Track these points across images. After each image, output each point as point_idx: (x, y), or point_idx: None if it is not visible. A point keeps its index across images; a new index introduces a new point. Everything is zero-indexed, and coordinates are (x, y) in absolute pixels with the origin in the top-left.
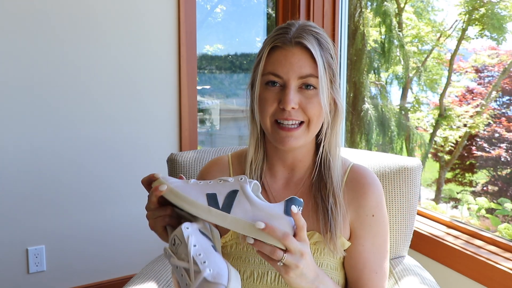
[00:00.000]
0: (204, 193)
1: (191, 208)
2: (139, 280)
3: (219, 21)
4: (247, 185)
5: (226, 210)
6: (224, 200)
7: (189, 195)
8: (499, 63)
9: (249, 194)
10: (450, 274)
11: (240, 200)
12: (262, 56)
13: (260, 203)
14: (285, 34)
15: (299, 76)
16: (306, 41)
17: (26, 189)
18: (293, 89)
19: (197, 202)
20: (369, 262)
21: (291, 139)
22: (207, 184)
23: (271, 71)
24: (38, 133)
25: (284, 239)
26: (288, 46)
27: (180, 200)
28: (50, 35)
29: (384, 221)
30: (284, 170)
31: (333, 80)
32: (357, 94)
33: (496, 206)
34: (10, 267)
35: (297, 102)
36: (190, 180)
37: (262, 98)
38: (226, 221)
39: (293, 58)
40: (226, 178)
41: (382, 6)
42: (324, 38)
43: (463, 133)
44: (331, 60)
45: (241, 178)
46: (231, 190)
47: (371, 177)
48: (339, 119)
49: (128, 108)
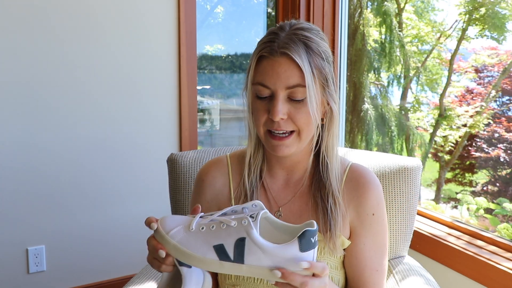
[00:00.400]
0: (211, 245)
1: (202, 265)
2: (139, 280)
3: (219, 21)
4: (253, 230)
5: (239, 260)
6: (234, 250)
7: (196, 250)
8: (499, 63)
9: (257, 240)
10: (450, 274)
11: (250, 248)
12: (251, 65)
13: (272, 248)
14: (272, 42)
15: (286, 86)
16: (291, 51)
17: (26, 189)
18: (281, 99)
19: (207, 258)
20: (370, 260)
21: (282, 147)
22: (210, 230)
23: (259, 81)
24: (38, 133)
25: (304, 285)
26: (274, 56)
27: (188, 259)
28: (50, 34)
29: (384, 219)
30: (282, 171)
31: (325, 85)
32: (357, 94)
33: (495, 206)
34: (10, 267)
35: (286, 112)
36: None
37: (253, 108)
38: (241, 271)
39: (279, 68)
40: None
41: (383, 6)
42: (316, 41)
43: (463, 133)
44: (322, 64)
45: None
46: (237, 238)
47: (370, 176)
48: (335, 122)
49: (128, 108)
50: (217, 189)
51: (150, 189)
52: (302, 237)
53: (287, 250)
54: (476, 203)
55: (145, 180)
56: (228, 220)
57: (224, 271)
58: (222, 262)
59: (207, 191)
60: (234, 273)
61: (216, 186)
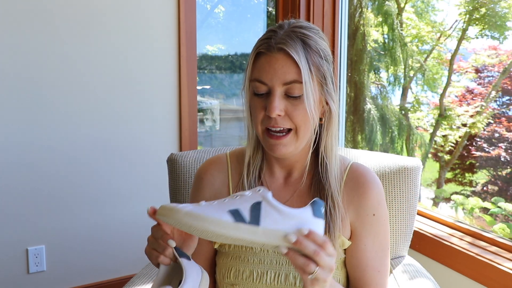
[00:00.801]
0: (225, 210)
1: (216, 227)
2: (139, 280)
3: (219, 21)
4: (269, 194)
5: (254, 223)
6: (249, 213)
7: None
8: (499, 63)
9: (274, 203)
10: (450, 274)
11: (267, 210)
12: (249, 61)
13: (288, 210)
14: (270, 39)
15: (283, 82)
16: (288, 47)
17: (26, 189)
18: (277, 96)
19: (222, 220)
20: (371, 261)
21: (280, 147)
22: (223, 202)
23: (257, 78)
24: (38, 132)
25: (316, 255)
26: (272, 52)
27: (201, 221)
28: (50, 34)
29: (385, 219)
30: (282, 170)
31: (323, 83)
32: (358, 94)
33: (492, 206)
34: (10, 267)
35: (283, 109)
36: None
37: (251, 105)
38: (257, 234)
39: (276, 64)
40: (241, 192)
41: (384, 6)
42: (314, 39)
43: (463, 133)
44: (321, 62)
45: (258, 189)
46: (254, 202)
47: (370, 176)
48: (334, 121)
49: (128, 108)
50: (216, 187)
51: (150, 189)
52: (313, 204)
53: (302, 213)
54: (470, 203)
55: (145, 180)
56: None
57: (239, 234)
58: (238, 223)
59: (205, 189)
60: (248, 238)
61: (215, 185)
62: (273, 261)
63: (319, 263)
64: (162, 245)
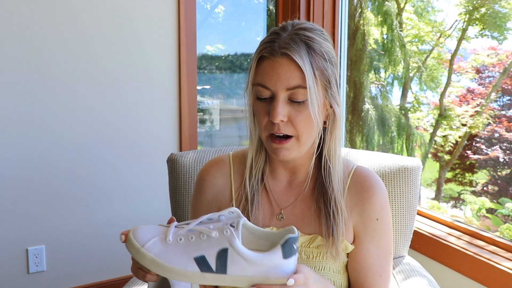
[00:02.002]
0: (191, 257)
1: (183, 278)
2: (139, 280)
3: (219, 21)
4: (236, 240)
5: (221, 271)
6: (216, 261)
7: (176, 263)
8: (499, 63)
9: (241, 250)
10: (450, 274)
11: (233, 258)
12: (252, 65)
13: (255, 257)
14: (273, 42)
15: (287, 87)
16: (292, 52)
17: (26, 189)
18: (281, 101)
19: (188, 270)
20: (373, 265)
21: (283, 151)
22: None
23: (260, 82)
24: (38, 132)
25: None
26: (275, 57)
27: (168, 272)
28: (48, 34)
29: (388, 224)
30: (285, 173)
31: (328, 86)
32: (357, 94)
33: (496, 206)
34: (10, 267)
35: (286, 114)
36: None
37: (255, 110)
38: (224, 281)
39: (280, 69)
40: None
41: (384, 6)
42: (318, 42)
43: (463, 133)
44: (325, 65)
45: (226, 231)
46: (220, 249)
47: (375, 180)
48: (338, 125)
49: (128, 108)
50: (217, 189)
51: (150, 189)
52: (285, 244)
53: (270, 258)
54: (478, 203)
55: (145, 180)
56: (208, 230)
57: (206, 282)
58: (204, 273)
59: (207, 191)
60: (215, 284)
61: (217, 186)
62: None
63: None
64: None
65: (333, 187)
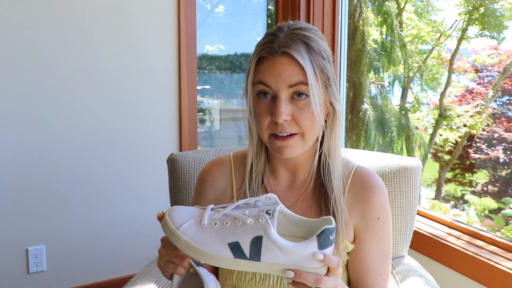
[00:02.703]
0: (226, 243)
1: (216, 262)
2: (139, 280)
3: (219, 21)
4: (271, 228)
5: (255, 259)
6: (250, 248)
7: (209, 247)
8: (499, 62)
9: (275, 239)
10: (450, 274)
11: (268, 246)
12: (250, 66)
13: (290, 247)
14: (271, 43)
15: (289, 85)
16: (292, 50)
17: (26, 189)
18: (284, 100)
19: (222, 256)
20: (374, 265)
21: (287, 149)
22: (224, 226)
23: (261, 81)
24: (39, 132)
25: (318, 283)
26: (275, 56)
27: (201, 256)
28: (49, 33)
29: (388, 224)
30: (286, 173)
31: (327, 84)
32: (357, 94)
33: (500, 206)
34: (10, 267)
35: (289, 113)
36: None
37: (255, 111)
38: (257, 268)
39: (280, 67)
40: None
41: (384, 6)
42: (316, 40)
43: (463, 133)
44: (324, 64)
45: (261, 218)
46: (254, 236)
47: (375, 180)
48: (338, 123)
49: (128, 108)
50: (219, 189)
51: (150, 189)
52: (321, 235)
53: (305, 249)
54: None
55: (145, 180)
56: (244, 217)
57: (239, 268)
58: (237, 260)
59: (208, 192)
60: (248, 270)
61: (218, 187)
62: None
63: None
64: (179, 257)
65: (333, 186)
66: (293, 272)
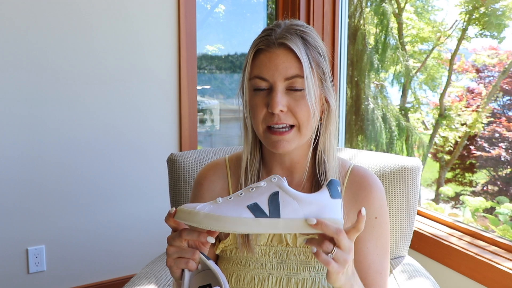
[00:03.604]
0: (244, 206)
1: (238, 227)
2: (139, 280)
3: (219, 21)
4: (284, 183)
5: (275, 215)
6: (268, 205)
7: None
8: (499, 62)
9: (291, 191)
10: (450, 274)
11: (285, 199)
12: (248, 60)
13: (306, 197)
14: (268, 36)
15: (285, 77)
16: (289, 41)
17: (26, 189)
18: (280, 91)
19: (242, 218)
20: (373, 263)
21: (283, 143)
22: (239, 196)
23: (257, 75)
24: (38, 132)
25: (338, 234)
26: (272, 48)
27: (223, 222)
28: (49, 34)
29: (386, 222)
30: (282, 173)
31: (323, 79)
32: (358, 94)
33: (494, 205)
34: (10, 267)
35: (285, 104)
36: (218, 199)
37: (251, 104)
38: (278, 227)
39: (277, 60)
40: (256, 184)
41: (381, 7)
42: (311, 36)
43: (463, 133)
44: (319, 59)
45: (274, 178)
46: (271, 193)
47: (372, 179)
48: (333, 119)
49: (128, 108)
50: (216, 193)
51: (150, 189)
52: (330, 185)
53: (319, 197)
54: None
55: (145, 180)
56: (257, 183)
57: (261, 229)
58: (258, 219)
59: (205, 195)
60: (271, 231)
61: (215, 190)
62: (275, 266)
63: (339, 244)
64: (190, 250)
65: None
66: (314, 219)
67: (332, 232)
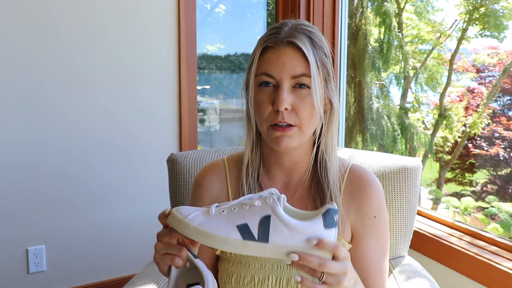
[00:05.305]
0: (234, 225)
1: (225, 246)
2: (139, 280)
3: (219, 21)
4: (278, 207)
5: (263, 240)
6: (258, 229)
7: (218, 231)
8: (499, 62)
9: (283, 217)
10: (450, 274)
11: (276, 225)
12: (254, 57)
13: (298, 225)
14: (277, 34)
15: (292, 75)
16: (298, 40)
17: (26, 188)
18: (286, 89)
19: (230, 238)
20: (373, 262)
21: (285, 138)
22: (232, 212)
23: (264, 71)
24: (38, 132)
25: (322, 267)
26: (280, 46)
27: (209, 239)
28: (51, 34)
29: (385, 221)
30: (281, 173)
31: (327, 79)
32: (360, 94)
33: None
34: (10, 267)
35: (290, 102)
36: (211, 208)
37: (256, 100)
38: (265, 251)
39: (285, 58)
40: (251, 200)
41: (383, 7)
42: (318, 36)
43: (462, 133)
44: (325, 59)
45: (268, 199)
46: (262, 216)
47: (371, 178)
48: (335, 119)
49: (128, 107)
50: (214, 194)
51: (150, 189)
52: (326, 214)
53: (312, 227)
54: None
55: (145, 180)
56: (251, 201)
57: (248, 251)
58: (246, 241)
59: (204, 196)
60: (257, 254)
61: (214, 191)
62: (275, 265)
63: (327, 272)
64: (177, 247)
65: (329, 183)
66: (297, 255)
67: (315, 266)
